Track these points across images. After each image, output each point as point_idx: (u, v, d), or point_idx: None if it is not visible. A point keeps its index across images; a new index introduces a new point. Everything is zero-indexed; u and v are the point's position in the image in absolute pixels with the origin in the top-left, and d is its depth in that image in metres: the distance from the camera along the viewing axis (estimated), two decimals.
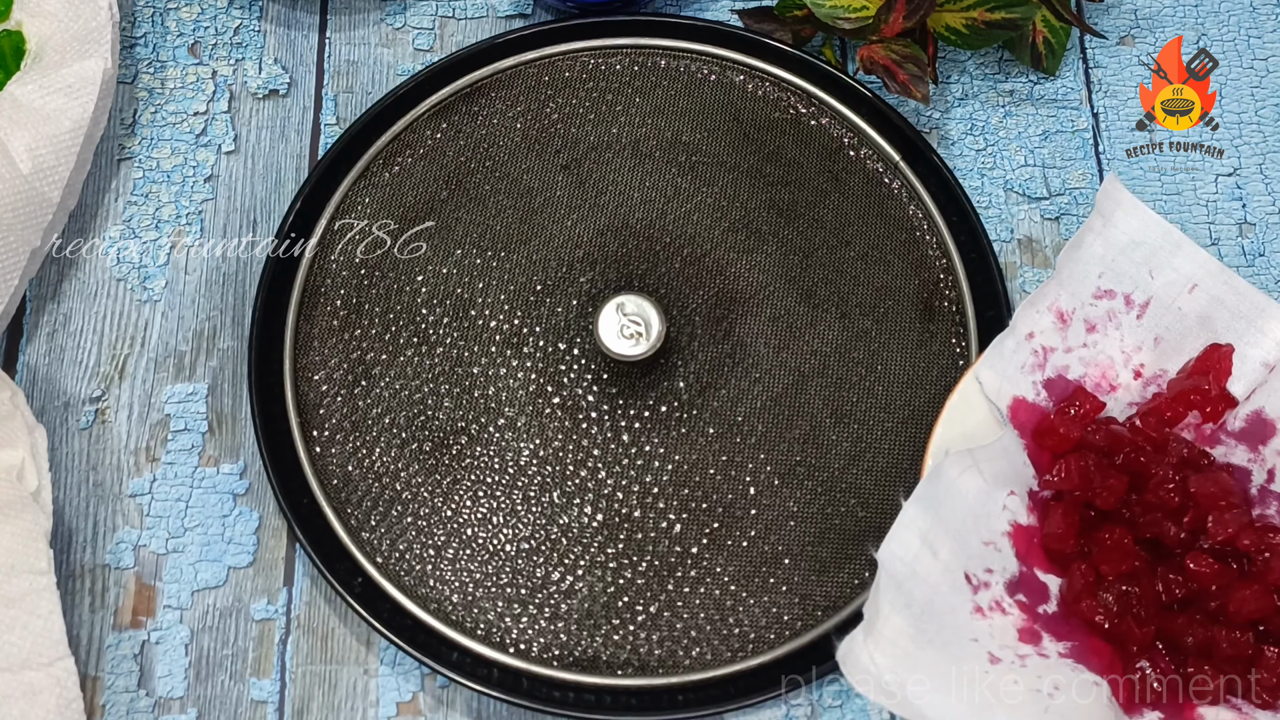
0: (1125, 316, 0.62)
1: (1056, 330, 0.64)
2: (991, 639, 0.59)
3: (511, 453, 0.68)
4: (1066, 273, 0.63)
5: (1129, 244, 0.60)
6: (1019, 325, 0.64)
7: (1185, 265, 0.61)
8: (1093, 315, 0.63)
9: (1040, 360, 0.64)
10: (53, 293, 0.73)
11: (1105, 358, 0.64)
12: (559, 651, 0.65)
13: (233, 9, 0.79)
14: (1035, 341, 0.64)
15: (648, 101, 0.75)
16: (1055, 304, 0.63)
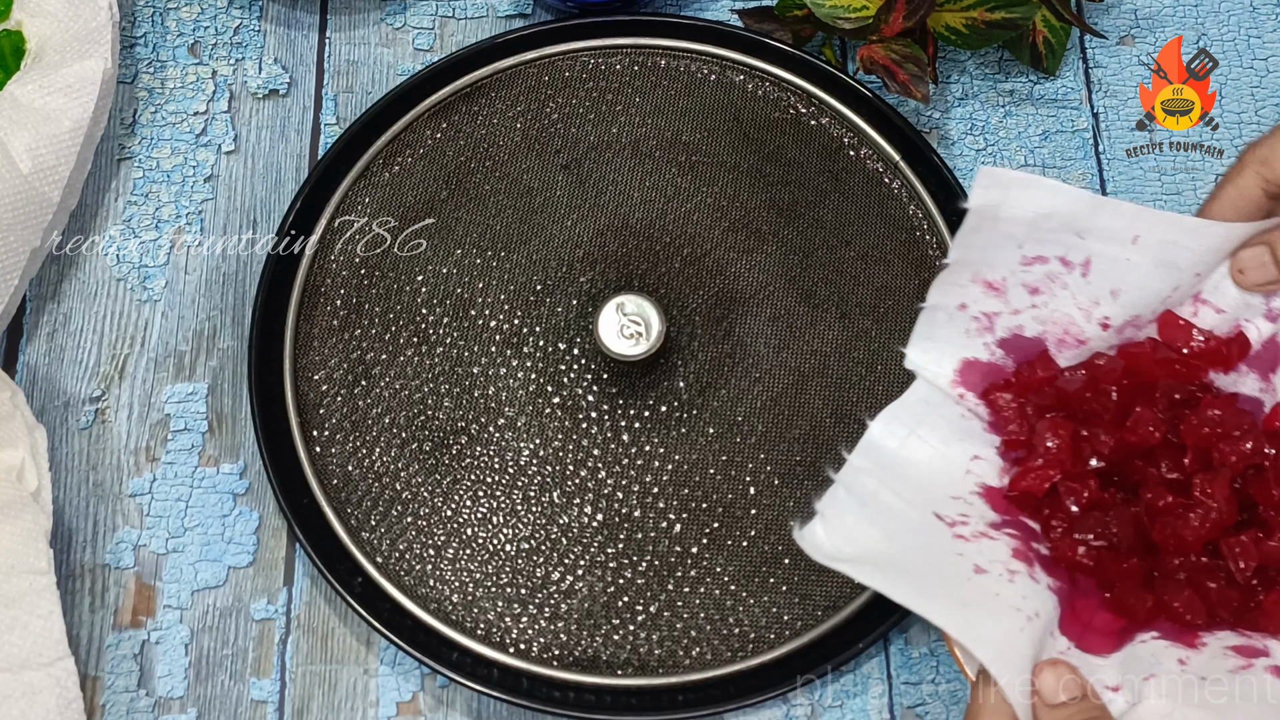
0: (1069, 276, 0.60)
1: (992, 297, 0.61)
2: (980, 555, 0.57)
3: (511, 453, 0.68)
4: (976, 255, 0.60)
5: (1039, 215, 0.59)
6: (942, 302, 0.61)
7: (1111, 221, 0.59)
8: (1029, 280, 0.61)
9: (986, 324, 0.62)
10: (53, 292, 0.73)
11: (1062, 314, 0.62)
12: (559, 651, 0.65)
13: (233, 9, 0.79)
14: (972, 310, 0.62)
15: (648, 101, 0.75)
16: (978, 277, 0.61)
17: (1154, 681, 0.55)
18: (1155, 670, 0.55)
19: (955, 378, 0.62)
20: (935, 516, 0.58)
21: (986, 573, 0.56)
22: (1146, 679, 0.55)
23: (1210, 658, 0.56)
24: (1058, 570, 0.58)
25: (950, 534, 0.58)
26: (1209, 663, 0.56)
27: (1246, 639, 0.57)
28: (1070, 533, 0.58)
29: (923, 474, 0.60)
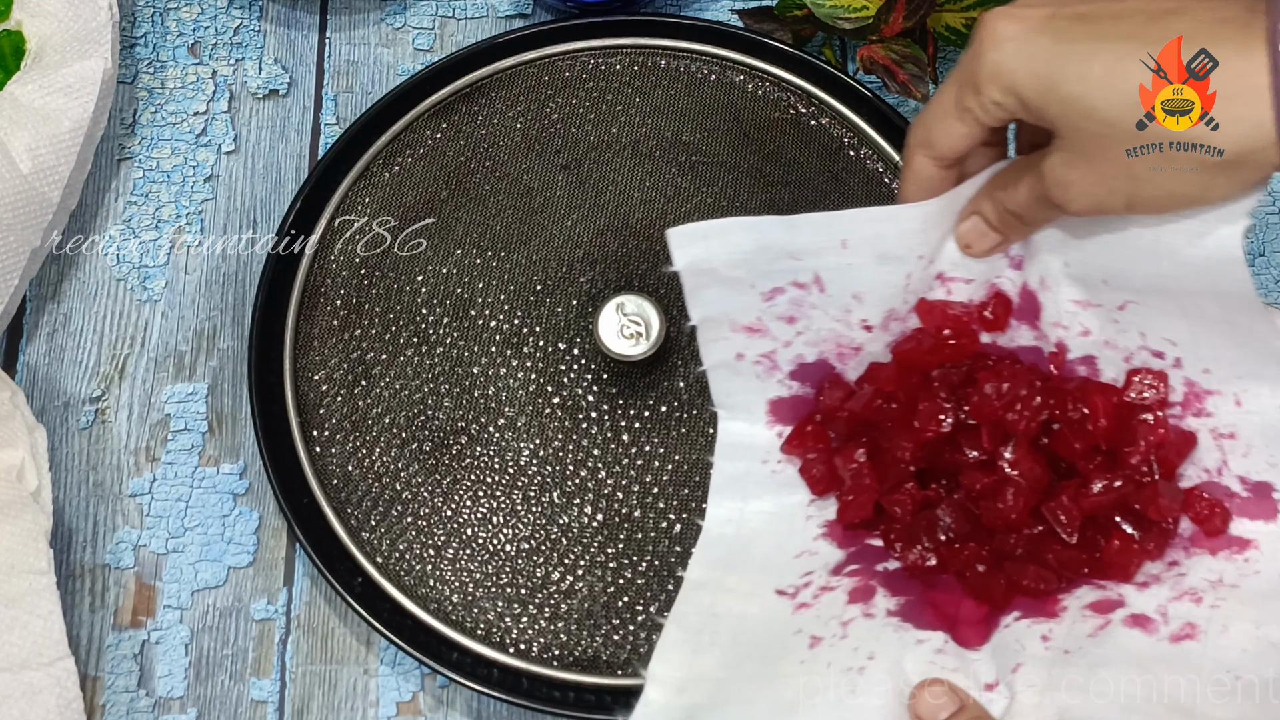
0: (810, 296, 0.61)
1: (758, 338, 0.62)
2: (815, 621, 0.58)
3: (511, 453, 0.68)
4: (716, 308, 0.61)
5: (749, 254, 0.59)
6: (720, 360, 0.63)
7: (813, 235, 0.59)
8: (780, 311, 0.61)
9: (769, 364, 0.63)
10: (53, 292, 0.73)
11: (826, 331, 0.62)
12: (559, 651, 0.65)
13: (233, 9, 0.79)
14: (749, 355, 0.63)
15: (648, 101, 0.75)
16: (735, 325, 0.62)
17: (1021, 672, 0.55)
18: (1020, 658, 0.56)
19: (769, 419, 0.63)
20: (777, 595, 0.60)
21: (822, 640, 0.57)
22: (1015, 670, 0.56)
23: (1071, 624, 0.57)
24: (909, 583, 0.59)
25: (791, 609, 0.59)
26: (1070, 632, 0.56)
27: (1102, 590, 0.58)
28: (909, 543, 0.60)
29: (766, 547, 0.62)
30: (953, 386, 0.61)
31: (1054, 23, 0.51)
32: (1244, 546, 0.58)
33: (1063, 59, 0.50)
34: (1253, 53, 0.47)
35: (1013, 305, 0.61)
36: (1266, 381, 0.57)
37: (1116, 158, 0.51)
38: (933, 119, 0.55)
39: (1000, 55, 0.51)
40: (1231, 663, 0.54)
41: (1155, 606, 0.56)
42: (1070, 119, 0.51)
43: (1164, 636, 0.55)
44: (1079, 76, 0.49)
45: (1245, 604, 0.55)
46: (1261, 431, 0.58)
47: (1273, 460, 0.58)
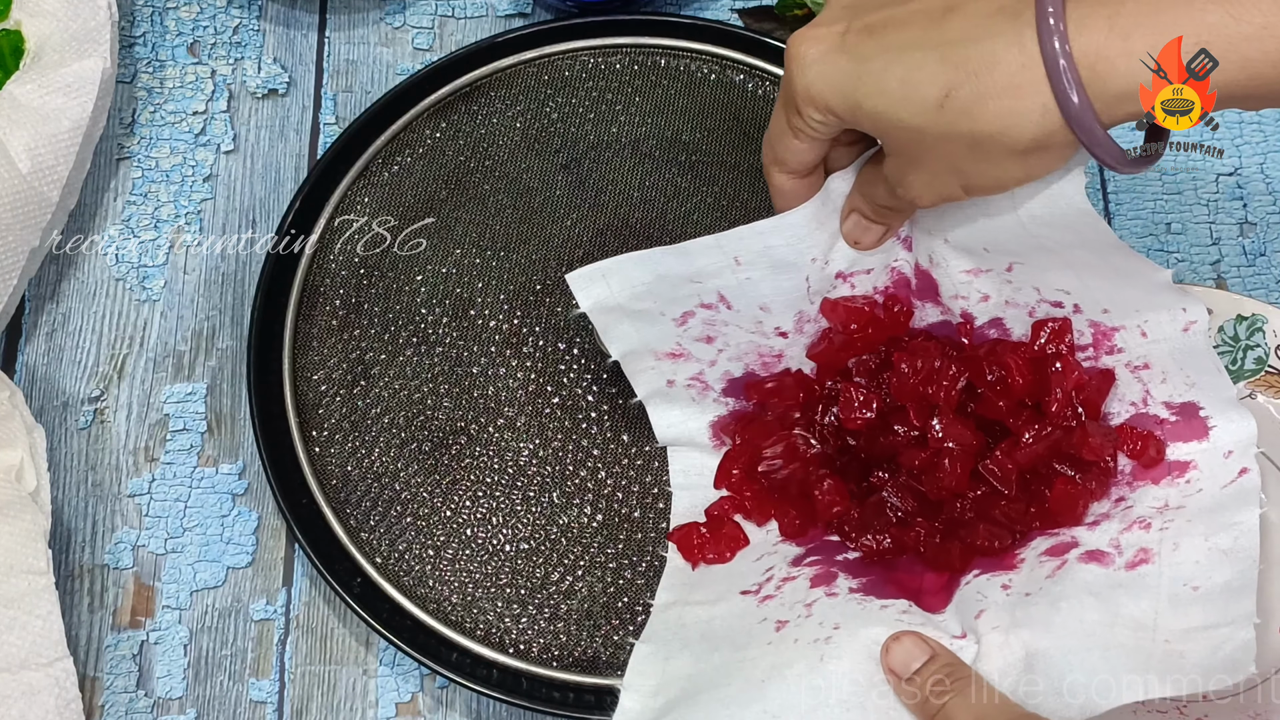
0: (720, 314, 0.63)
1: (683, 363, 0.65)
2: (780, 608, 0.60)
3: (511, 453, 0.68)
4: (634, 341, 0.63)
5: (649, 286, 0.61)
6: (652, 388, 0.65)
7: (705, 258, 0.61)
8: (696, 333, 0.64)
9: (701, 386, 0.65)
10: (51, 292, 0.73)
11: (745, 343, 0.64)
12: (558, 652, 0.65)
13: (232, 8, 0.79)
14: (679, 380, 0.65)
15: (648, 101, 0.75)
16: (658, 353, 0.64)
17: (984, 616, 0.57)
18: (983, 605, 0.57)
19: (714, 442, 0.66)
20: (741, 595, 0.62)
21: (787, 622, 0.59)
22: (978, 616, 0.57)
23: (1030, 571, 0.59)
24: (870, 567, 0.61)
25: (756, 603, 0.61)
26: (1029, 577, 0.58)
27: (1055, 537, 0.60)
28: (863, 532, 0.62)
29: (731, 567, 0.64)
30: (871, 373, 0.63)
31: (848, 39, 0.52)
32: (1184, 469, 0.60)
33: (860, 78, 0.52)
34: (1026, 42, 0.48)
35: (911, 284, 0.63)
36: (1163, 309, 0.60)
37: (938, 157, 0.52)
38: (775, 138, 0.57)
39: (807, 80, 0.53)
40: (1186, 576, 0.56)
41: (1108, 541, 0.58)
42: (884, 131, 0.53)
43: (1120, 566, 0.57)
44: (878, 92, 0.51)
45: (1192, 521, 0.57)
46: (1172, 356, 0.60)
47: (1190, 380, 0.60)
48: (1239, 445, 0.59)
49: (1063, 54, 0.47)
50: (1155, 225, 0.75)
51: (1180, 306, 0.60)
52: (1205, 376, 0.60)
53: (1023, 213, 0.57)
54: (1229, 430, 0.60)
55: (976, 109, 0.49)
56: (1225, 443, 0.60)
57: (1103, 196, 0.75)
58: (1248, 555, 0.56)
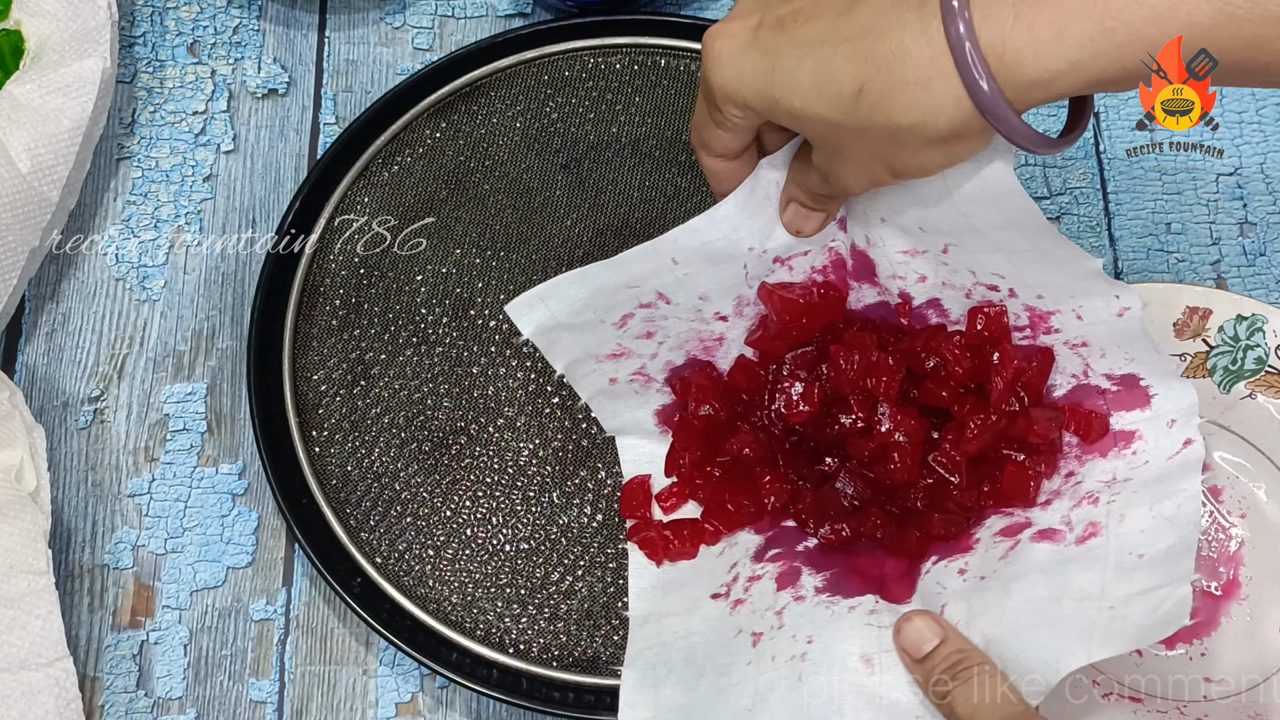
0: (659, 310, 0.63)
1: (625, 360, 0.65)
2: (752, 616, 0.61)
3: (511, 453, 0.68)
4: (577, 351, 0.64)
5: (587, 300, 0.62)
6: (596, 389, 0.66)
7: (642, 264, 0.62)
8: (637, 331, 0.64)
9: (643, 379, 0.66)
10: (51, 292, 0.73)
11: (686, 331, 0.65)
12: (558, 652, 0.65)
13: (232, 8, 0.79)
14: (621, 377, 0.66)
15: (647, 100, 0.75)
16: (600, 356, 0.65)
17: (946, 611, 0.58)
18: (944, 598, 0.58)
19: (661, 428, 0.67)
20: (713, 599, 0.63)
21: (762, 635, 0.60)
22: (941, 611, 0.58)
23: (984, 552, 0.59)
24: (831, 556, 0.62)
25: (728, 610, 0.62)
26: (984, 559, 0.59)
27: (1010, 517, 0.61)
28: (820, 520, 0.62)
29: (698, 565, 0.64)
30: (810, 365, 0.64)
31: (760, 34, 0.52)
32: (1130, 440, 0.60)
33: (773, 74, 0.51)
34: (933, 34, 0.48)
35: (848, 265, 0.63)
36: (1096, 295, 0.60)
37: (860, 147, 0.52)
38: (699, 126, 0.57)
39: (722, 78, 0.53)
40: (1131, 545, 0.57)
41: (1060, 519, 0.59)
42: (803, 126, 0.53)
43: (1070, 542, 0.58)
44: (792, 89, 0.51)
45: (1138, 492, 0.58)
46: (1109, 335, 0.61)
47: (1129, 355, 0.61)
48: (1181, 414, 0.59)
49: (970, 45, 0.47)
50: (1155, 225, 0.75)
51: (1113, 294, 0.60)
52: (1144, 354, 0.60)
53: (955, 193, 0.57)
54: (1170, 399, 0.60)
55: (889, 102, 0.49)
56: (1168, 410, 0.60)
57: (1103, 196, 0.75)
58: (1189, 520, 0.57)
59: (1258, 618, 0.64)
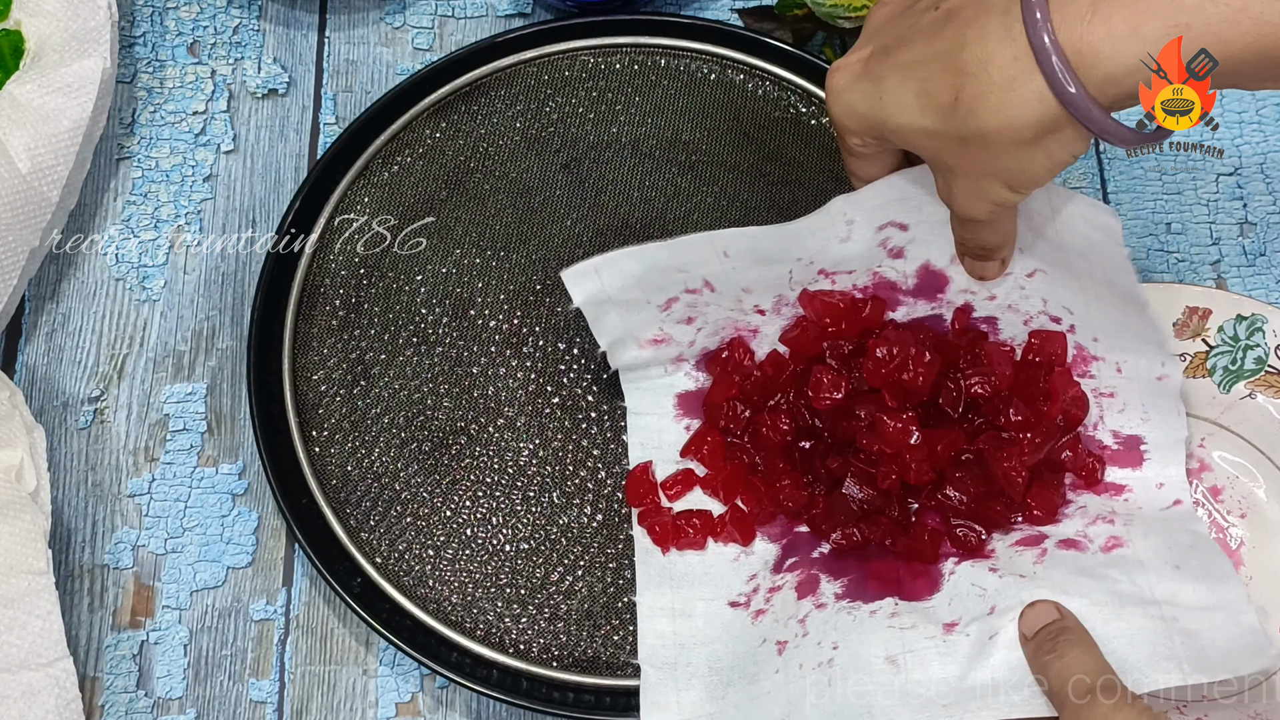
0: (703, 297, 0.64)
1: (664, 347, 0.66)
2: (775, 625, 0.61)
3: (511, 453, 0.68)
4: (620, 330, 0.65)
5: (639, 277, 0.63)
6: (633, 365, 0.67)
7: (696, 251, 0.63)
8: (679, 316, 0.65)
9: (676, 360, 0.67)
10: (51, 292, 0.73)
11: (723, 318, 0.66)
12: (559, 652, 0.65)
13: (232, 8, 0.79)
14: (655, 363, 0.67)
15: (647, 101, 0.75)
16: (641, 340, 0.66)
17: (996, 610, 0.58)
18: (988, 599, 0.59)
19: (677, 412, 0.67)
20: (731, 607, 0.63)
21: (787, 643, 0.61)
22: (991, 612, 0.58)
23: (1010, 558, 0.61)
24: (847, 562, 0.63)
25: (750, 619, 0.63)
26: (1014, 562, 0.61)
27: (1020, 531, 0.62)
28: (832, 526, 0.63)
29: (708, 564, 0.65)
30: (844, 358, 0.65)
31: (870, 63, 0.55)
32: (1120, 490, 0.63)
33: (881, 98, 0.55)
34: (1015, 36, 0.50)
35: (902, 286, 0.64)
36: (1143, 355, 0.63)
37: (966, 162, 0.54)
38: (848, 160, 0.60)
39: (838, 110, 0.57)
40: (1164, 557, 0.60)
41: (1075, 532, 0.62)
42: (912, 143, 0.55)
43: (1095, 551, 0.60)
44: (899, 109, 0.54)
45: (1149, 524, 0.61)
46: (1138, 392, 0.64)
47: (1145, 415, 0.64)
48: (1170, 481, 0.64)
49: (1050, 40, 0.48)
50: (1155, 225, 0.75)
51: (1160, 360, 0.63)
52: (1163, 416, 0.64)
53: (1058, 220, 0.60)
54: (1162, 467, 0.64)
55: (979, 106, 0.51)
56: (1156, 476, 0.64)
57: (1103, 196, 0.75)
58: (1213, 549, 0.61)
59: (1258, 617, 0.64)
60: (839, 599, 0.61)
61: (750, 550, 0.65)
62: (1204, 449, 0.67)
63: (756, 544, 0.65)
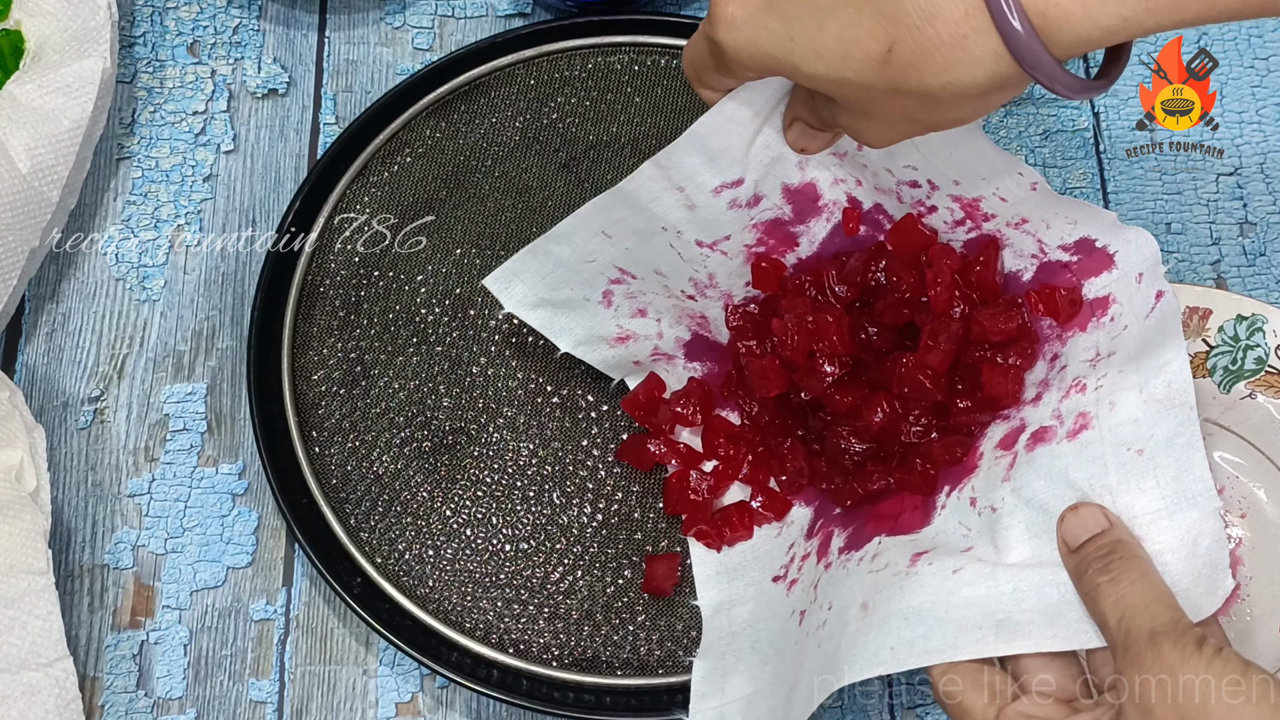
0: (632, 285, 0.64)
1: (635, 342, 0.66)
2: (801, 594, 0.61)
3: (511, 452, 0.68)
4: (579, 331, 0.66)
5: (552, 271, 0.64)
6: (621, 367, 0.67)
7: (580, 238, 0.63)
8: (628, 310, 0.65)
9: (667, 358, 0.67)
10: (51, 292, 0.73)
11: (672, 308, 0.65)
12: (559, 651, 0.65)
13: (232, 8, 0.79)
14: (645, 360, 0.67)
15: (647, 100, 0.75)
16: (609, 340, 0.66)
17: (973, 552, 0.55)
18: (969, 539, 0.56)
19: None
20: (773, 582, 0.63)
21: (806, 612, 0.59)
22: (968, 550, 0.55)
23: (988, 470, 0.57)
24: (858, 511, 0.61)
25: (785, 592, 0.62)
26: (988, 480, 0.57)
27: (1007, 422, 0.59)
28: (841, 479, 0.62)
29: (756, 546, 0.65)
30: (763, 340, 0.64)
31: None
32: (1105, 306, 0.58)
33: (793, 40, 0.49)
34: None
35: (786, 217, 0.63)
36: (1003, 175, 0.59)
37: (889, 108, 0.50)
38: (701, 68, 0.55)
39: (735, 43, 0.51)
40: (1127, 438, 0.53)
41: (1051, 413, 0.57)
42: (826, 89, 0.51)
43: (1062, 437, 0.55)
44: (815, 55, 0.49)
45: (1124, 371, 0.55)
46: (1039, 207, 0.59)
47: (1070, 219, 0.59)
48: (1146, 266, 0.57)
49: (1012, 4, 0.45)
50: (1155, 225, 0.75)
51: (1017, 171, 0.58)
52: (1080, 212, 0.58)
53: None
54: (1132, 252, 0.57)
55: (923, 63, 0.47)
56: (1133, 264, 0.57)
57: (1103, 196, 0.75)
58: (1183, 399, 0.53)
59: (1258, 618, 0.64)
60: (841, 553, 0.60)
61: (789, 520, 0.65)
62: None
63: (794, 512, 0.65)
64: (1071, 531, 0.52)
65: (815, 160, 0.61)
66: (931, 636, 0.52)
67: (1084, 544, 0.51)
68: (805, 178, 0.62)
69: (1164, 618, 0.48)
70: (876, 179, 0.61)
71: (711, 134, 0.59)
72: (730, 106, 0.58)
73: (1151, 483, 0.52)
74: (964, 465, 0.59)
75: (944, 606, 0.53)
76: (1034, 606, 0.52)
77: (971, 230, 0.61)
